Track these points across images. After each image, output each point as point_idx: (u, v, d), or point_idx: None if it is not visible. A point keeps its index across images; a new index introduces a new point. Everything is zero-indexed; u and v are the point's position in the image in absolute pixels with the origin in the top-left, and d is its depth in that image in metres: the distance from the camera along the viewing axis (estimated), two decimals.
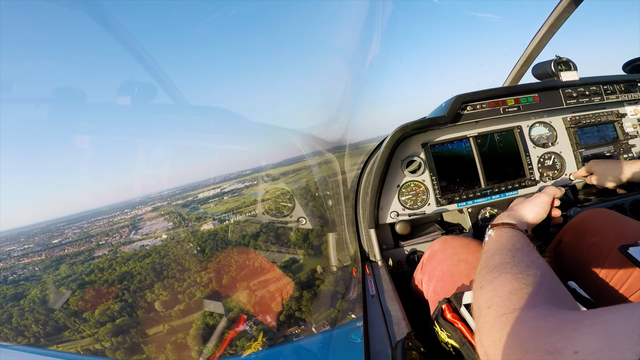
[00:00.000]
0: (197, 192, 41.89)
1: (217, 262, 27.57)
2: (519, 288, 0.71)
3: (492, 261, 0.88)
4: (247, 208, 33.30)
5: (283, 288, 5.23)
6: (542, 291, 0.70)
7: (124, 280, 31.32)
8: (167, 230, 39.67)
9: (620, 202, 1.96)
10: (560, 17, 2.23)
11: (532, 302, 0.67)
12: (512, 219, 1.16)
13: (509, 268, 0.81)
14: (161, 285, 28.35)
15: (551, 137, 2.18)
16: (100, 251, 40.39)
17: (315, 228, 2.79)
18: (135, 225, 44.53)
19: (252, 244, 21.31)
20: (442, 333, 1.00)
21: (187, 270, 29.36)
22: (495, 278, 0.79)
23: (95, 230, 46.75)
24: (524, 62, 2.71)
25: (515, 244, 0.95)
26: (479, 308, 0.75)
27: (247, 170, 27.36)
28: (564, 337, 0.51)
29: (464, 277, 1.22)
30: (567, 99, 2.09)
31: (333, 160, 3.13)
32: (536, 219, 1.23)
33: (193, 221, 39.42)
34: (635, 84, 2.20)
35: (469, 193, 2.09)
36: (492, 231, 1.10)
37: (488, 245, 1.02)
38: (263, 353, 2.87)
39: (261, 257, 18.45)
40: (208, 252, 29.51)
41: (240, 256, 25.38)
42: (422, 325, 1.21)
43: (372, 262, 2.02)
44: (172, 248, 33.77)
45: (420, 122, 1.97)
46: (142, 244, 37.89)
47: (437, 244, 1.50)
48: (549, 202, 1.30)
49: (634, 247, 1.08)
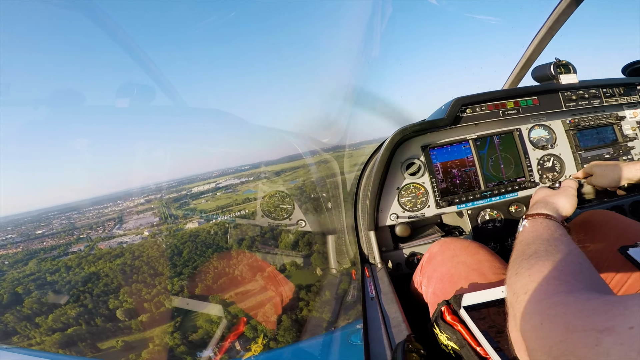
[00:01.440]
0: (192, 186, 40.49)
1: (193, 268, 25.64)
2: (558, 275, 0.71)
3: (529, 250, 0.86)
4: (236, 207, 31.74)
5: (282, 291, 5.23)
6: (581, 278, 0.70)
7: (88, 282, 29.19)
8: (149, 227, 37.98)
9: (620, 204, 1.97)
10: (559, 19, 2.24)
11: (572, 288, 0.66)
12: (549, 210, 1.11)
13: (547, 256, 0.80)
14: (127, 291, 26.19)
15: (550, 139, 2.19)
16: (78, 246, 38.60)
17: (315, 230, 2.79)
18: (121, 218, 42.78)
19: (234, 247, 19.96)
20: (441, 335, 1.00)
21: (160, 275, 27.00)
22: (532, 265, 0.78)
23: (83, 221, 44.96)
24: (523, 65, 2.72)
25: (553, 234, 0.92)
26: (515, 294, 0.74)
27: (245, 165, 26.54)
28: (614, 315, 0.51)
29: (463, 279, 1.22)
30: (566, 101, 2.10)
31: (332, 162, 3.13)
32: (571, 211, 1.18)
33: (180, 218, 37.72)
34: (634, 87, 2.20)
35: (469, 195, 2.10)
36: (527, 221, 1.07)
37: (523, 234, 0.99)
38: (263, 356, 2.86)
39: (243, 263, 17.64)
40: (185, 255, 27.49)
41: (219, 262, 23.82)
42: (421, 327, 1.21)
43: (371, 264, 2.02)
44: (148, 249, 31.68)
45: (420, 124, 1.97)
46: (121, 241, 36.15)
47: (436, 246, 1.50)
48: (576, 193, 1.27)
49: (633, 248, 1.08)
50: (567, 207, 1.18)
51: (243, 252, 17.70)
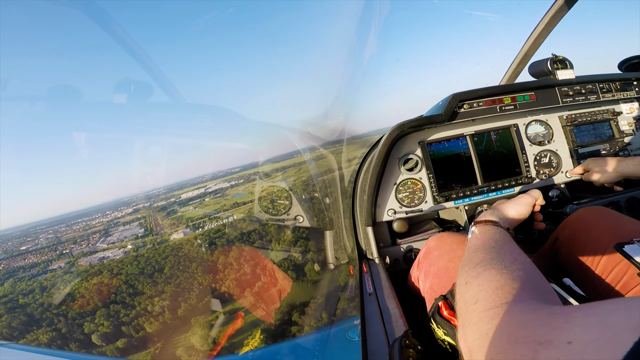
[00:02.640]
0: (181, 192, 38.53)
1: (176, 286, 23.75)
2: (505, 283, 0.72)
3: (476, 257, 0.88)
4: (224, 213, 29.37)
5: (280, 286, 5.22)
6: (527, 287, 0.71)
7: (63, 305, 26.25)
8: (134, 239, 36.07)
9: (616, 200, 1.97)
10: (556, 15, 2.24)
11: (519, 297, 0.67)
12: (495, 217, 1.17)
13: (493, 263, 0.81)
14: (104, 314, 23.34)
15: (547, 135, 2.19)
16: (58, 263, 36.13)
17: (313, 226, 2.79)
18: (107, 230, 40.64)
19: (221, 260, 19.44)
20: (438, 330, 1.00)
21: (139, 295, 24.82)
22: (480, 274, 0.79)
23: (69, 235, 42.58)
24: (520, 61, 2.72)
25: (497, 241, 0.95)
26: (465, 304, 0.75)
27: (235, 167, 25.55)
28: (555, 327, 0.51)
29: None
30: (563, 97, 2.10)
31: (330, 157, 3.13)
32: (518, 217, 1.24)
33: (166, 228, 35.42)
34: (630, 82, 2.21)
35: (466, 191, 2.10)
36: (476, 228, 1.11)
37: (471, 241, 1.03)
38: (260, 351, 2.86)
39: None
40: (167, 271, 25.41)
41: (203, 277, 21.85)
42: (419, 322, 1.22)
43: (369, 259, 2.02)
44: (127, 265, 29.33)
45: (417, 120, 1.97)
46: (103, 256, 34.04)
47: (433, 241, 1.50)
48: (531, 203, 1.31)
49: (629, 245, 1.09)
50: (513, 214, 1.24)
51: (239, 248, 17.24)
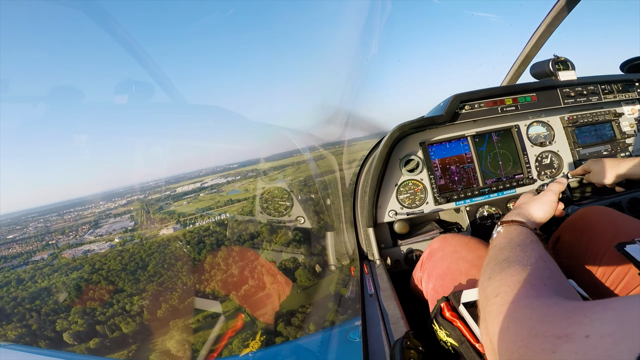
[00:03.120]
0: (177, 186, 37.33)
1: (159, 284, 22.24)
2: (527, 279, 0.72)
3: (501, 255, 0.88)
4: (217, 210, 29.15)
5: (281, 288, 5.21)
6: (550, 283, 0.71)
7: (37, 299, 25.05)
8: (122, 232, 34.77)
9: (617, 200, 1.97)
10: (558, 16, 2.24)
11: (540, 292, 0.67)
12: (522, 217, 1.15)
13: (518, 261, 0.82)
14: (80, 310, 22.03)
15: (549, 136, 2.19)
16: (42, 254, 34.57)
17: (314, 227, 2.79)
18: (98, 222, 39.00)
19: (208, 259, 18.03)
20: (440, 331, 1.00)
21: (119, 292, 23.40)
22: (503, 269, 0.79)
23: (59, 225, 41.06)
24: (521, 62, 2.72)
25: (524, 241, 0.95)
26: (486, 297, 0.75)
27: (234, 163, 24.95)
28: (574, 322, 0.51)
29: (464, 275, 1.22)
30: (564, 98, 2.10)
31: (331, 158, 3.13)
32: (545, 218, 1.22)
33: (156, 222, 34.01)
34: (632, 83, 2.20)
35: (467, 192, 2.10)
36: (502, 228, 1.10)
37: (497, 240, 1.02)
38: (261, 352, 2.86)
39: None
40: (151, 269, 24.00)
41: (189, 277, 21.03)
42: (420, 324, 1.21)
43: (370, 261, 2.02)
44: (111, 260, 27.64)
45: (419, 121, 1.97)
46: (88, 249, 32.60)
47: (436, 242, 1.50)
48: (556, 200, 1.30)
49: (631, 245, 1.08)
50: (540, 215, 1.22)
51: (228, 249, 16.67)
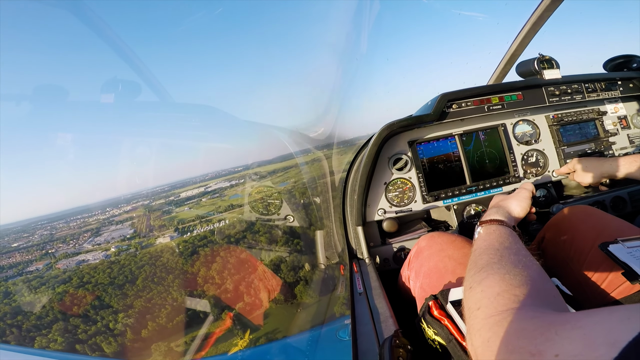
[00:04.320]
0: (182, 191, 36.46)
1: (147, 300, 20.91)
2: (507, 289, 0.72)
3: (480, 261, 0.89)
4: (217, 216, 27.87)
5: (270, 286, 5.18)
6: (529, 291, 0.71)
7: (19, 315, 23.49)
8: (120, 241, 33.51)
9: (601, 199, 2.00)
10: (543, 15, 2.27)
11: (519, 303, 0.68)
12: (501, 215, 1.15)
13: (496, 268, 0.82)
14: (61, 327, 20.91)
15: (534, 134, 2.22)
16: (38, 264, 33.60)
17: (303, 226, 2.79)
18: (99, 229, 37.98)
19: (202, 272, 17.11)
20: (429, 330, 1.00)
21: (104, 308, 22.09)
22: (483, 279, 0.80)
23: (63, 232, 39.87)
24: (507, 60, 2.75)
25: (503, 242, 0.95)
26: (469, 309, 0.76)
27: (238, 167, 24.36)
28: (546, 339, 0.52)
29: (451, 274, 1.23)
30: (549, 97, 2.13)
31: (321, 158, 3.13)
32: (523, 213, 1.24)
33: (155, 230, 32.71)
34: (615, 82, 2.24)
35: (455, 190, 2.12)
36: (481, 228, 1.10)
37: (477, 243, 1.02)
38: (250, 351, 2.85)
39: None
40: (140, 283, 22.69)
41: (179, 292, 19.96)
42: (409, 322, 1.22)
43: (359, 259, 2.02)
44: (100, 273, 26.32)
45: (407, 120, 1.98)
46: (83, 259, 31.40)
47: (423, 241, 1.51)
48: (530, 196, 1.32)
49: (614, 245, 1.10)
50: (518, 210, 1.24)
51: (223, 259, 16.28)
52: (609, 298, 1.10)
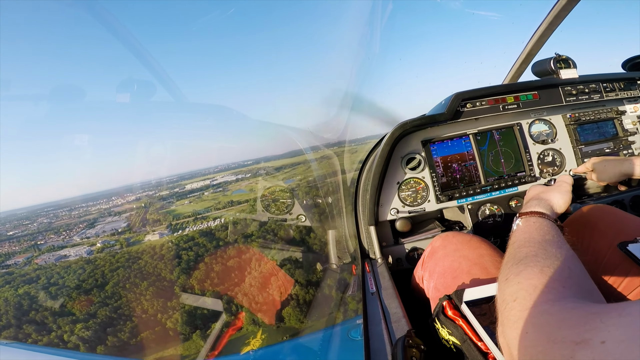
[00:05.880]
0: (187, 183, 35.08)
1: (113, 310, 18.93)
2: (546, 281, 0.71)
3: (520, 253, 0.86)
4: (214, 213, 26.91)
5: (282, 286, 5.18)
6: (569, 284, 0.70)
7: None
8: (109, 236, 32.17)
9: (620, 198, 1.97)
10: (560, 14, 2.23)
11: (559, 295, 0.67)
12: (542, 208, 1.10)
13: (536, 261, 0.79)
14: (11, 335, 19.24)
15: (551, 134, 2.19)
16: (19, 257, 32.35)
17: (315, 225, 2.79)
18: (95, 220, 36.96)
19: (181, 279, 15.95)
20: (442, 330, 1.00)
21: (64, 316, 19.73)
22: (521, 271, 0.78)
23: (61, 222, 38.77)
24: (523, 60, 2.71)
25: (544, 235, 0.92)
26: (504, 301, 0.74)
27: (248, 160, 23.95)
28: (591, 327, 0.52)
29: (465, 274, 1.22)
30: (566, 96, 2.09)
31: (333, 157, 3.13)
32: (565, 207, 1.18)
33: (148, 225, 31.12)
34: (634, 81, 2.20)
35: (469, 190, 2.10)
36: (520, 220, 1.06)
37: (516, 235, 0.98)
38: (262, 351, 2.86)
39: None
40: (109, 289, 20.57)
41: (151, 303, 17.97)
42: (422, 322, 1.21)
43: (371, 259, 2.02)
44: (71, 273, 24.62)
45: (420, 119, 1.97)
46: (65, 254, 30.11)
47: (438, 241, 1.49)
48: (571, 189, 1.27)
49: (633, 244, 1.08)
50: (560, 204, 1.18)
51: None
52: (627, 299, 1.07)
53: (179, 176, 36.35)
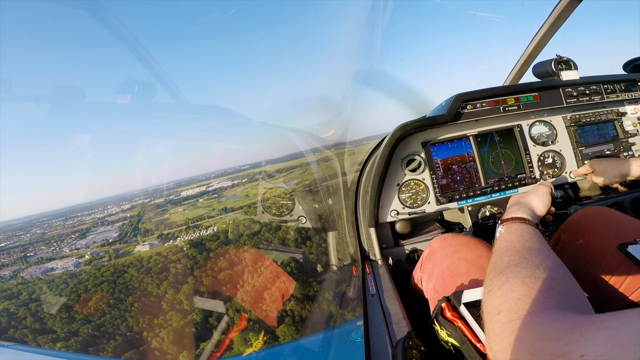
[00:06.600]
0: (183, 190, 34.85)
1: (96, 328, 18.02)
2: (528, 293, 0.72)
3: (501, 263, 0.87)
4: (207, 221, 26.25)
5: (283, 288, 5.19)
6: (550, 295, 0.71)
7: None
8: (99, 246, 31.31)
9: (620, 200, 1.97)
10: (561, 16, 2.23)
11: (541, 307, 0.67)
12: (522, 212, 1.13)
13: (517, 271, 0.80)
14: None
15: (551, 135, 2.19)
16: (5, 271, 31.69)
17: (315, 227, 2.79)
18: (88, 230, 36.21)
19: (170, 294, 15.25)
20: (442, 332, 1.00)
21: (43, 334, 18.93)
22: (503, 283, 0.79)
23: (54, 232, 38.16)
24: (524, 62, 2.71)
25: (525, 243, 0.93)
26: (489, 313, 0.75)
27: (245, 165, 23.84)
28: (570, 341, 0.53)
29: (464, 276, 1.22)
30: (567, 98, 2.09)
31: (333, 159, 3.13)
32: (544, 209, 1.22)
33: (140, 233, 30.57)
34: (635, 83, 2.20)
35: (469, 191, 2.09)
36: (502, 227, 1.08)
37: (498, 244, 1.00)
38: (264, 352, 2.86)
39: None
40: (92, 305, 19.48)
41: (135, 320, 17.15)
42: (422, 324, 1.21)
43: (372, 261, 2.02)
44: (53, 288, 23.73)
45: (421, 120, 1.97)
46: (52, 267, 29.24)
47: (436, 242, 1.49)
48: (549, 192, 1.30)
49: (633, 246, 1.08)
50: (540, 206, 1.22)
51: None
52: (628, 300, 1.07)
53: (176, 183, 36.18)
